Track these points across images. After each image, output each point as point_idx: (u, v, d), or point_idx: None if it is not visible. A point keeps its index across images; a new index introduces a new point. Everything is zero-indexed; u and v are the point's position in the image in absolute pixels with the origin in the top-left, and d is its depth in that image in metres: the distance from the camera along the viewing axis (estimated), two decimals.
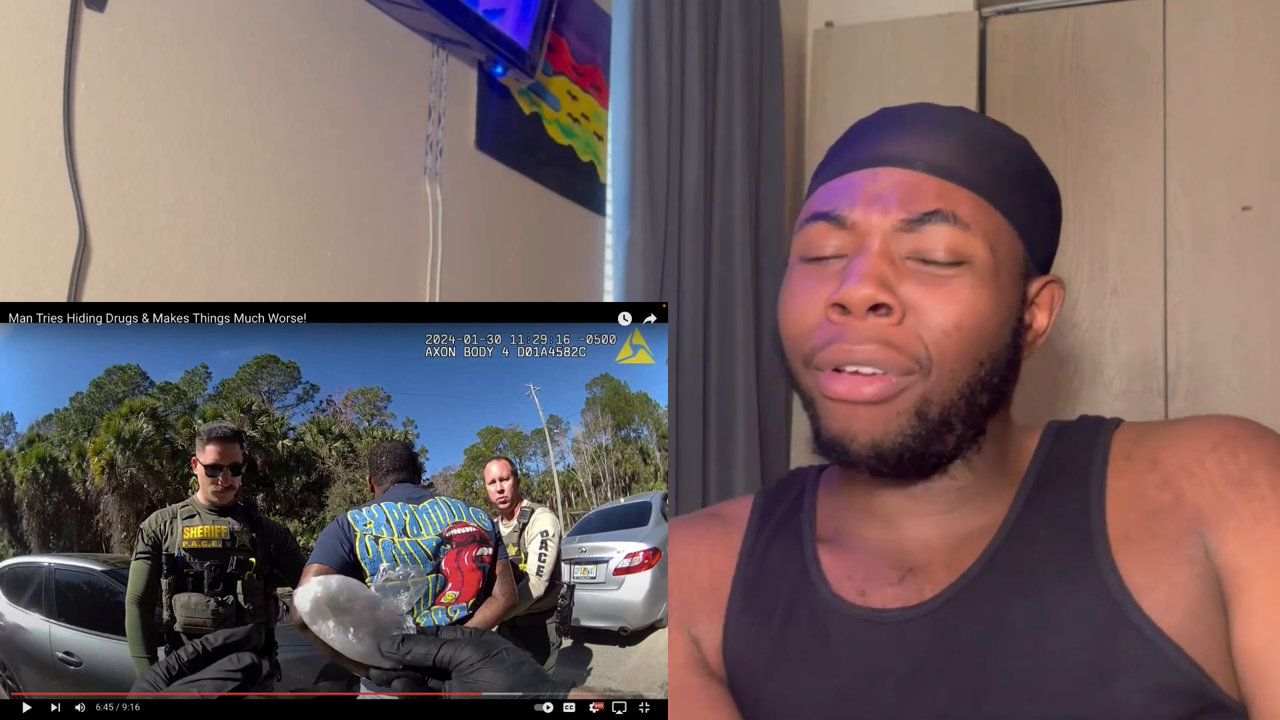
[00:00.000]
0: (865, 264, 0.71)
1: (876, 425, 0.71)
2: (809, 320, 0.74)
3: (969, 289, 0.71)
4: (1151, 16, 2.45)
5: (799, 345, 0.74)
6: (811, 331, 0.73)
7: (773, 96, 2.34)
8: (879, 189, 0.74)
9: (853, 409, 0.71)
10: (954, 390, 0.71)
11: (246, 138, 1.18)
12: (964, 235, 0.72)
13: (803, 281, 0.75)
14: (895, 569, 0.77)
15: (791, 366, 0.77)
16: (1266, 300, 2.30)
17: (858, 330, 0.70)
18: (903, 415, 0.71)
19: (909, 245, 0.72)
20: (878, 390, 0.70)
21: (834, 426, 0.72)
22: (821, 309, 0.73)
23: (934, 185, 0.73)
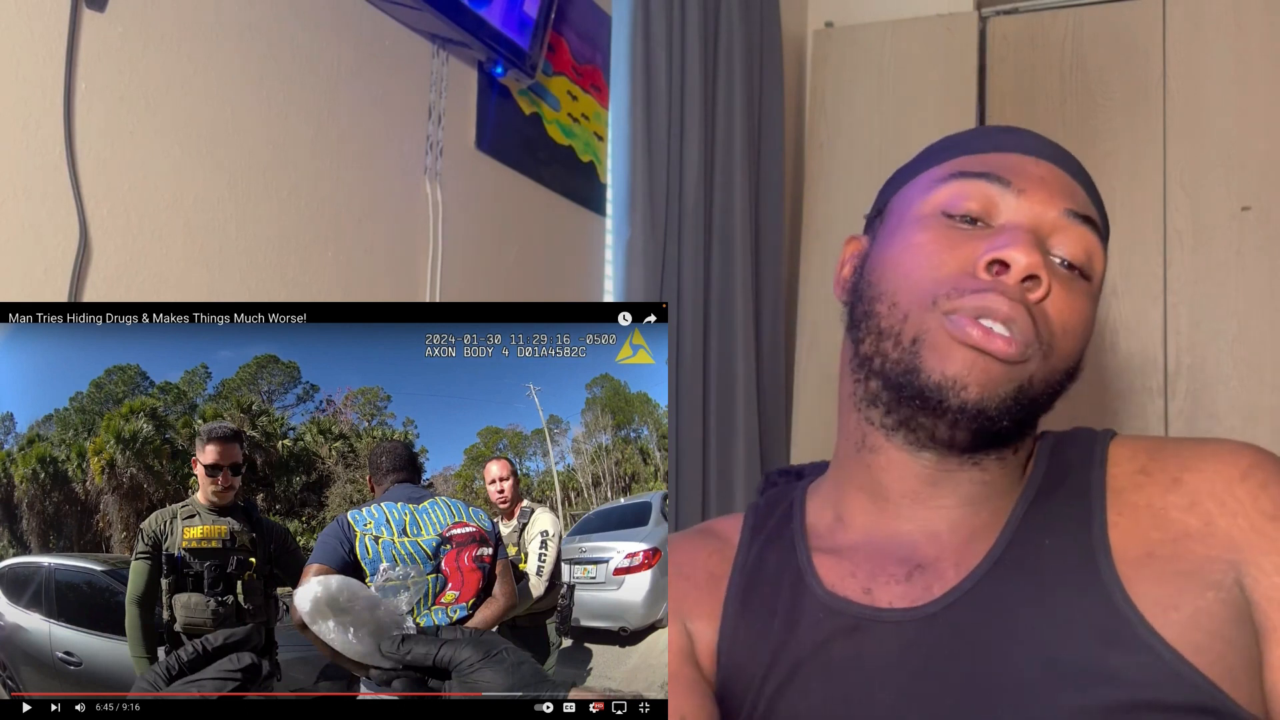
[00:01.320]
0: (1028, 236, 0.71)
1: (991, 385, 0.70)
2: (948, 269, 0.72)
3: (1087, 308, 0.74)
4: (1151, 16, 2.45)
5: (928, 289, 0.72)
6: (950, 280, 0.72)
7: (773, 96, 2.35)
8: (1043, 174, 0.76)
9: (976, 357, 0.70)
10: (1053, 384, 0.73)
11: (247, 138, 1.18)
12: (1100, 252, 0.76)
13: (944, 234, 0.74)
14: (901, 564, 0.76)
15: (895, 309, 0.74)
16: (1266, 300, 2.30)
17: (1009, 290, 0.70)
18: (1013, 385, 0.70)
19: (1056, 241, 0.74)
20: (1007, 349, 0.69)
21: (949, 369, 0.70)
22: (965, 263, 0.72)
23: (1084, 195, 0.77)
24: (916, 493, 0.77)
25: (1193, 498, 0.72)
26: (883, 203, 0.85)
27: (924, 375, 0.71)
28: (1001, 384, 0.70)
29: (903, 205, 0.80)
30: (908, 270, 0.74)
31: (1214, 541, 0.70)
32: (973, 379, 0.69)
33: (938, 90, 2.56)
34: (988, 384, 0.70)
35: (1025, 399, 0.71)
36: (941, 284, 0.72)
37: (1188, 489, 0.72)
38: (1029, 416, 0.73)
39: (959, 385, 0.70)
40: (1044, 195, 0.74)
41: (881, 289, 0.76)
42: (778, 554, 0.85)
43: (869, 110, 2.61)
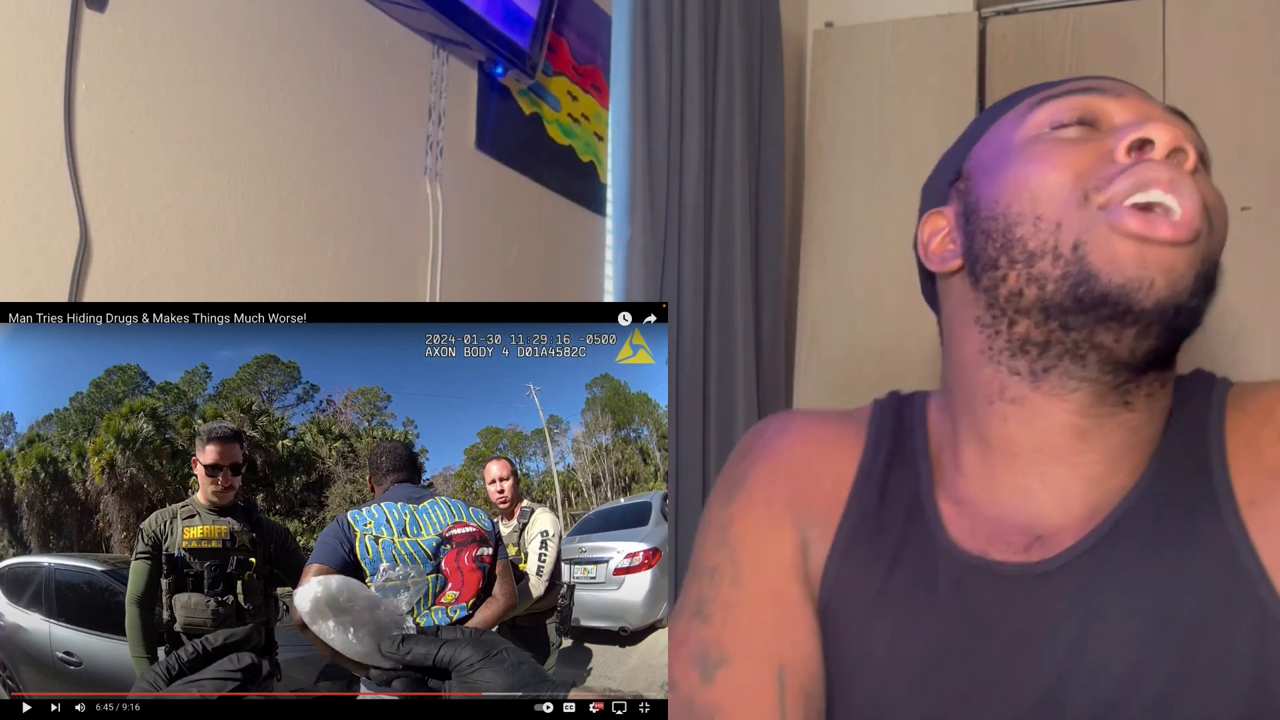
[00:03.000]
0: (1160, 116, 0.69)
1: (1177, 271, 0.64)
2: (1085, 162, 0.68)
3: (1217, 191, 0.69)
4: (1151, 16, 2.45)
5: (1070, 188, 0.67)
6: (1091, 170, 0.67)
7: (773, 96, 2.35)
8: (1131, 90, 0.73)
9: (1148, 248, 0.64)
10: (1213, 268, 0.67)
11: (247, 137, 1.18)
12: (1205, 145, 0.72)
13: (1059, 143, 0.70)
14: (1023, 534, 0.72)
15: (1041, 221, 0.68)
16: (1266, 300, 2.30)
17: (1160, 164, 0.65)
18: (1192, 269, 0.65)
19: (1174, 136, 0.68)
20: (1176, 231, 0.63)
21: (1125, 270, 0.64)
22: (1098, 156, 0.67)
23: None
24: (1058, 448, 0.72)
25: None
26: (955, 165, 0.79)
27: (1102, 279, 0.64)
28: (1183, 272, 0.64)
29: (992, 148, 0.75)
30: (1040, 179, 0.68)
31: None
32: (1157, 272, 0.64)
33: (937, 90, 2.55)
34: (1171, 276, 0.64)
35: (1206, 280, 0.66)
36: (1085, 177, 0.67)
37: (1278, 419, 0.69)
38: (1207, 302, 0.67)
39: (1143, 283, 0.64)
40: (1142, 100, 0.72)
41: (1017, 210, 0.69)
42: (899, 476, 0.79)
43: (869, 110, 2.61)
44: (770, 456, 0.83)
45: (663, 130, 1.88)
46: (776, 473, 0.82)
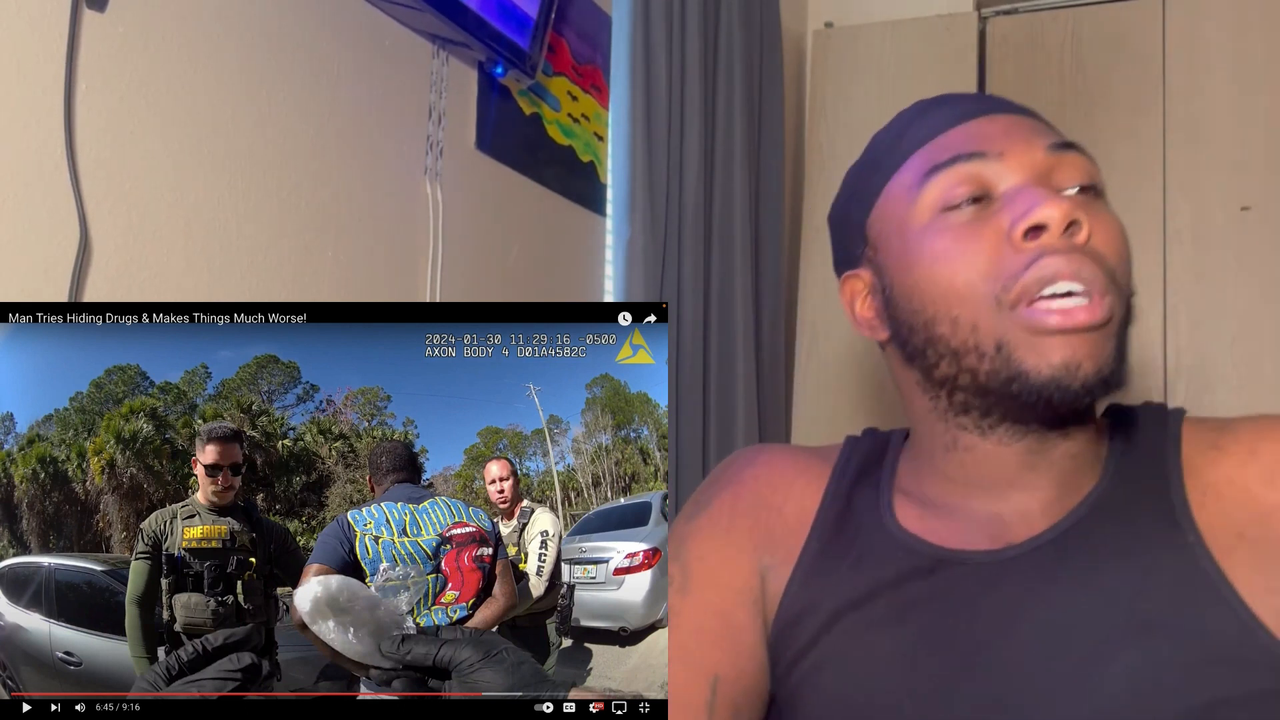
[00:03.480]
0: (1042, 188, 0.70)
1: (1098, 352, 0.68)
2: (985, 259, 0.70)
3: (1112, 217, 0.73)
4: (1151, 16, 2.45)
5: (980, 290, 0.70)
6: (994, 268, 0.69)
7: (773, 96, 2.35)
8: (1006, 126, 0.74)
9: (1070, 339, 0.67)
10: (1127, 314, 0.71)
11: (247, 138, 1.18)
12: (1093, 165, 0.74)
13: (955, 230, 0.72)
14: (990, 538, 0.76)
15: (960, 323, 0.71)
16: (1266, 300, 2.30)
17: (1057, 248, 0.68)
18: (1111, 339, 0.69)
19: (1057, 177, 0.72)
20: (1093, 315, 0.67)
21: (1052, 362, 0.67)
22: (997, 245, 0.70)
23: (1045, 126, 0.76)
24: (1013, 479, 0.76)
25: (1271, 469, 0.71)
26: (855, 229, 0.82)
27: (1031, 376, 0.68)
28: (1104, 345, 0.68)
29: (891, 224, 0.77)
30: (949, 281, 0.71)
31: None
32: (1082, 358, 0.67)
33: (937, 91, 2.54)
34: (1096, 356, 0.68)
35: (1119, 345, 0.70)
36: (991, 279, 0.70)
37: (1264, 460, 0.71)
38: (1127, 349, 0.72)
39: (1072, 369, 0.67)
40: (1022, 145, 0.73)
41: (932, 311, 0.73)
42: (864, 496, 0.84)
43: (869, 110, 2.61)
44: (735, 485, 0.88)
45: (663, 130, 1.88)
46: (740, 503, 0.86)
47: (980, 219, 0.71)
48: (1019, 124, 0.75)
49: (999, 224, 0.70)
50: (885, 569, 0.78)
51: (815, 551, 0.82)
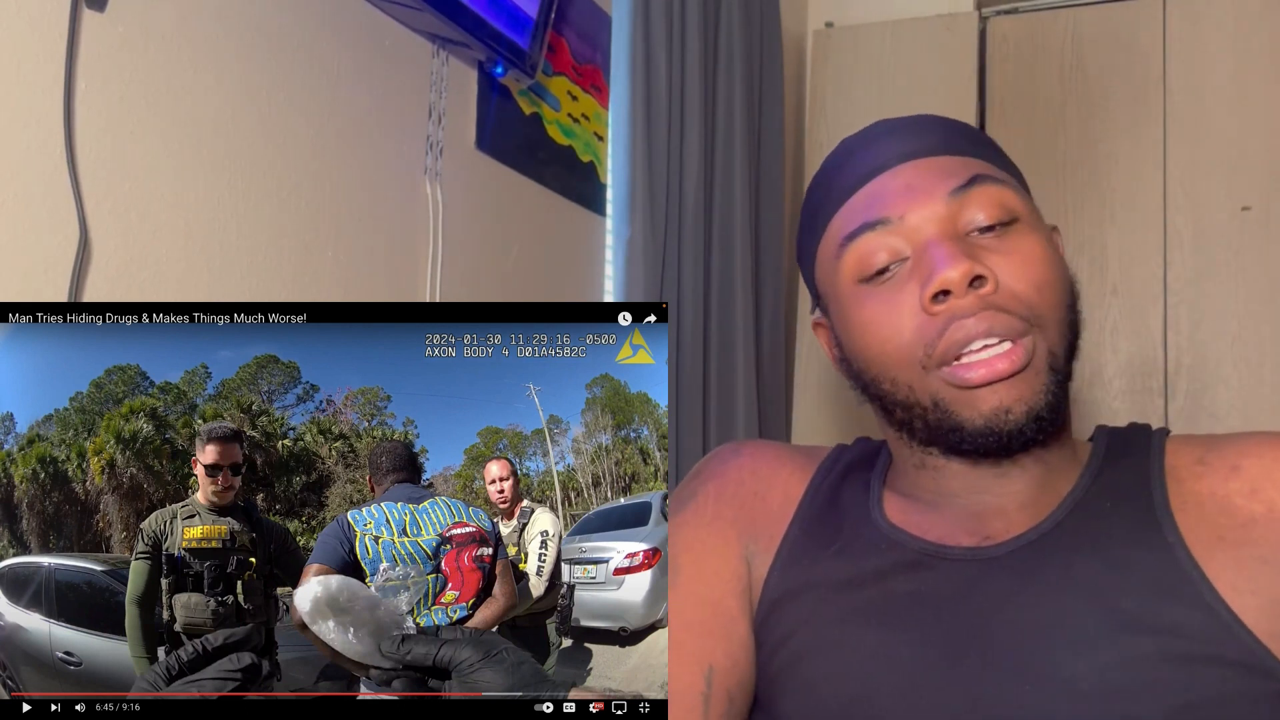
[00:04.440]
0: (946, 247, 0.72)
1: (1025, 393, 0.71)
2: (906, 328, 0.74)
3: (1035, 244, 0.74)
4: (1151, 16, 2.45)
5: (907, 355, 0.74)
6: (916, 336, 0.73)
7: (773, 96, 2.35)
8: (907, 180, 0.75)
9: (996, 388, 0.71)
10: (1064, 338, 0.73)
11: (247, 137, 1.18)
12: (1007, 191, 0.75)
13: (877, 300, 0.75)
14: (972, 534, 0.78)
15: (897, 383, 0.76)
16: (1266, 300, 2.30)
17: (965, 308, 0.71)
18: (1041, 375, 0.71)
19: (964, 218, 0.74)
20: (1013, 362, 0.70)
21: (983, 411, 0.71)
22: (915, 312, 0.73)
23: (954, 160, 0.76)
24: (986, 486, 0.78)
25: (1253, 484, 0.72)
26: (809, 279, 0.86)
27: (968, 426, 0.72)
28: (1033, 384, 0.71)
29: (828, 287, 0.81)
30: (876, 349, 0.76)
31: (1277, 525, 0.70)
32: (1010, 402, 0.71)
33: (938, 90, 2.56)
34: (1025, 397, 0.71)
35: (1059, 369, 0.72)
36: (912, 345, 0.73)
37: (1247, 475, 0.73)
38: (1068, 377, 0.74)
39: (1003, 414, 0.71)
40: (922, 199, 0.74)
41: (872, 372, 0.77)
42: (852, 490, 0.86)
43: (869, 110, 2.61)
44: (720, 477, 0.89)
45: (663, 130, 1.88)
46: (725, 492, 0.88)
47: (897, 284, 0.74)
48: (922, 172, 0.76)
49: (913, 292, 0.73)
50: (869, 560, 0.79)
51: (796, 537, 0.84)
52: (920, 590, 0.75)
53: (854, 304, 0.77)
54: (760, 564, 0.84)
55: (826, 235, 0.80)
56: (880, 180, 0.77)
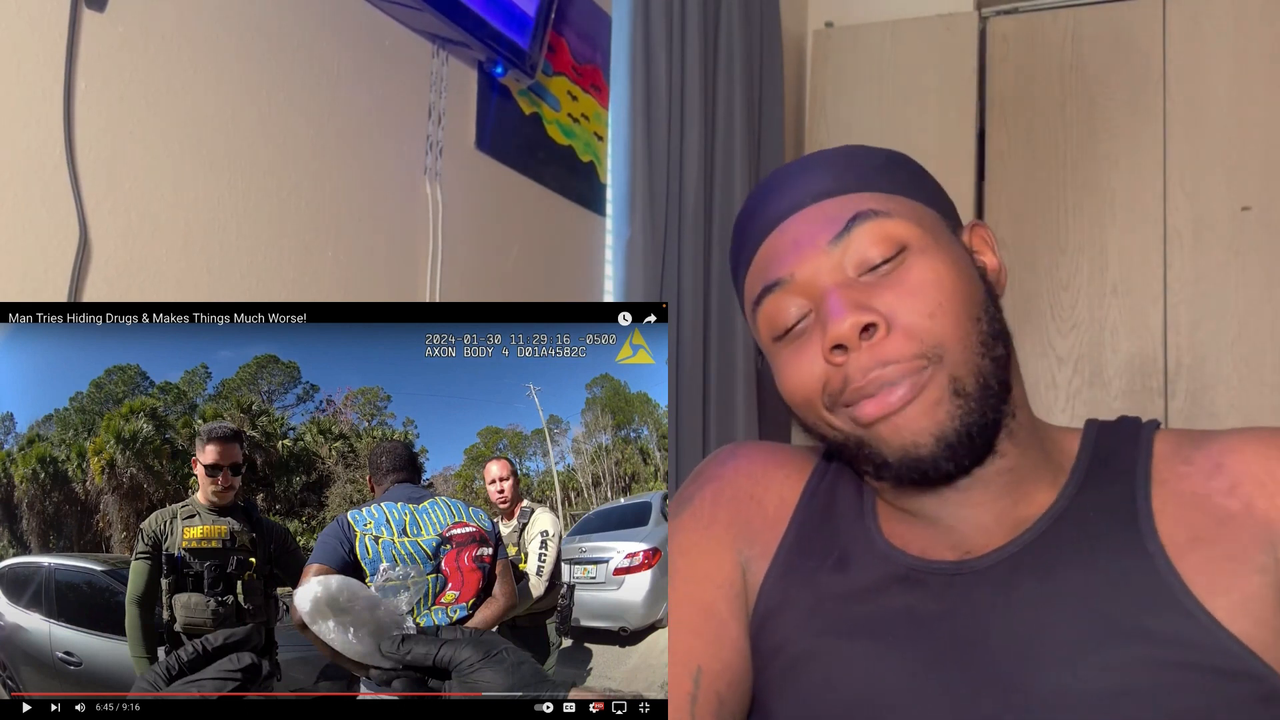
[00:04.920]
0: (834, 299, 0.73)
1: (927, 421, 0.71)
2: (812, 375, 0.75)
3: (926, 268, 0.74)
4: (1151, 16, 2.45)
5: (815, 399, 0.76)
6: (820, 381, 0.75)
7: (773, 96, 2.35)
8: (794, 235, 0.77)
9: (896, 419, 0.72)
10: (973, 356, 0.73)
11: (247, 138, 1.18)
12: (890, 223, 0.75)
13: (789, 356, 0.77)
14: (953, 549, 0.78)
15: (818, 425, 0.78)
16: (1266, 300, 2.30)
17: (858, 361, 0.72)
18: (944, 400, 0.71)
19: (851, 260, 0.75)
20: (904, 393, 0.71)
21: (894, 443, 0.72)
22: (820, 362, 0.74)
23: (835, 203, 0.77)
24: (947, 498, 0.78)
25: (1233, 481, 0.73)
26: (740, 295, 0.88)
27: (889, 461, 0.73)
28: (934, 411, 0.71)
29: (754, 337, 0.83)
30: (799, 395, 0.77)
31: (1254, 524, 0.71)
32: (914, 432, 0.72)
33: (938, 90, 2.56)
34: (926, 424, 0.71)
35: (969, 390, 0.72)
36: (817, 390, 0.75)
37: (1229, 473, 0.73)
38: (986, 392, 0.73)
39: (912, 446, 0.72)
40: (807, 253, 0.76)
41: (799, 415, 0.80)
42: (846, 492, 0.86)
43: (869, 110, 2.61)
44: (716, 480, 0.90)
45: (663, 130, 1.88)
46: (720, 496, 0.88)
47: (807, 337, 0.76)
48: (805, 224, 0.77)
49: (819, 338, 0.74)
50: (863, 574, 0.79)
51: (791, 546, 0.84)
52: (912, 605, 0.76)
53: (773, 357, 0.80)
54: (756, 570, 0.85)
55: (744, 292, 0.83)
56: (772, 239, 0.79)
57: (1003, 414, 0.75)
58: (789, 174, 0.81)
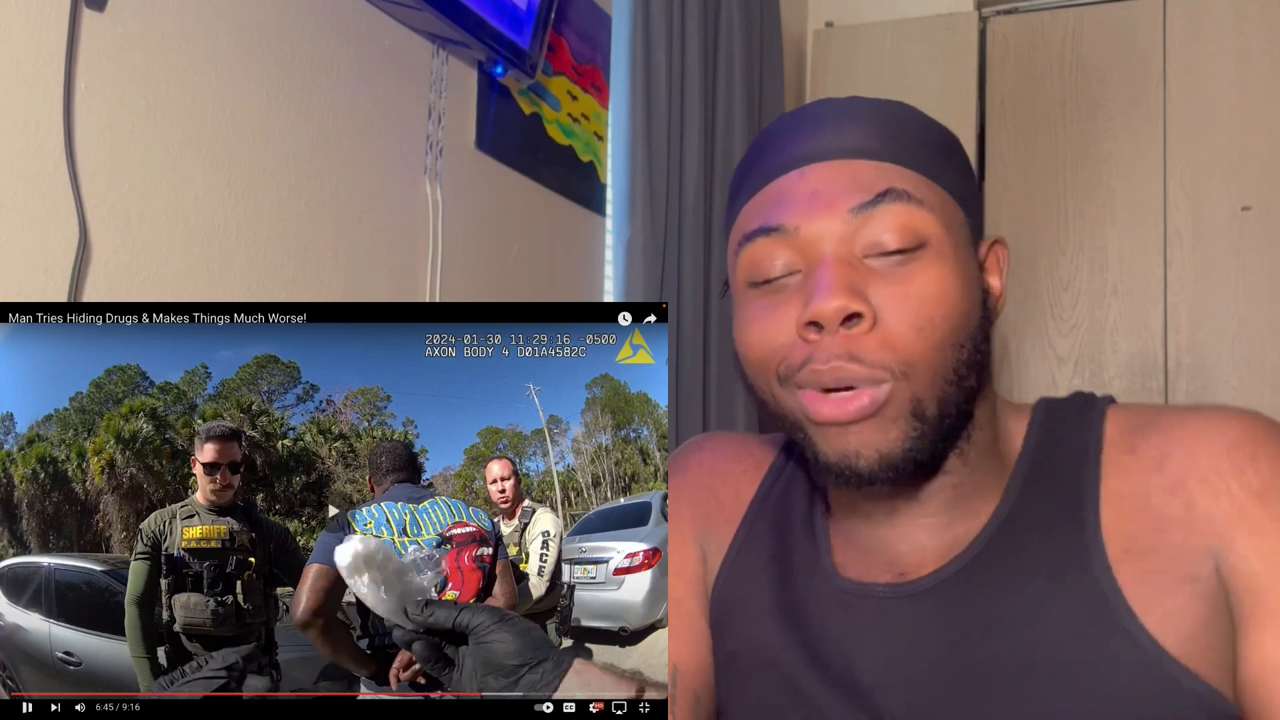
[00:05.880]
0: (830, 274, 0.66)
1: (876, 438, 0.66)
2: (778, 340, 0.69)
3: (935, 277, 0.67)
4: (1151, 16, 2.45)
5: (770, 365, 0.69)
6: (784, 350, 0.68)
7: (773, 96, 2.34)
8: (813, 185, 0.69)
9: (844, 430, 0.66)
10: (944, 382, 0.67)
11: (247, 137, 1.18)
12: (919, 212, 0.68)
13: (760, 309, 0.70)
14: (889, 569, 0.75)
15: (761, 391, 0.72)
16: (1266, 300, 2.30)
17: (826, 348, 0.66)
18: (900, 421, 0.66)
19: (864, 238, 0.67)
20: (861, 406, 0.66)
21: (834, 449, 0.67)
22: (791, 329, 0.68)
23: (870, 168, 0.69)
24: (894, 508, 0.74)
25: (1176, 478, 0.68)
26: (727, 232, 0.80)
27: (823, 459, 0.68)
28: (886, 430, 0.66)
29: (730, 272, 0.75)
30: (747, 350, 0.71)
31: (1193, 528, 0.66)
32: (858, 446, 0.67)
33: (938, 90, 2.55)
34: (874, 441, 0.66)
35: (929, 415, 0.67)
36: (775, 355, 0.69)
37: (1172, 468, 0.68)
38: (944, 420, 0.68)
39: (852, 457, 0.67)
40: (822, 210, 0.68)
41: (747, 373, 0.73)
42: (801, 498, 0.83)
43: None
44: (681, 473, 0.89)
45: (663, 130, 1.88)
46: (683, 490, 0.87)
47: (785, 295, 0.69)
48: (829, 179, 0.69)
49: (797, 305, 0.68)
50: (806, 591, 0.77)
51: (743, 543, 0.83)
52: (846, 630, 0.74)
53: (742, 302, 0.73)
54: (712, 565, 0.84)
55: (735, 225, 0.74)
56: (789, 179, 0.70)
57: (956, 439, 0.71)
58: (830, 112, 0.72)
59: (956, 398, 0.68)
